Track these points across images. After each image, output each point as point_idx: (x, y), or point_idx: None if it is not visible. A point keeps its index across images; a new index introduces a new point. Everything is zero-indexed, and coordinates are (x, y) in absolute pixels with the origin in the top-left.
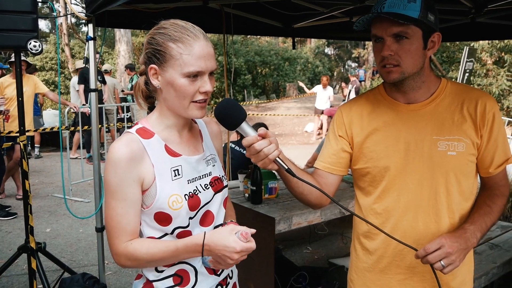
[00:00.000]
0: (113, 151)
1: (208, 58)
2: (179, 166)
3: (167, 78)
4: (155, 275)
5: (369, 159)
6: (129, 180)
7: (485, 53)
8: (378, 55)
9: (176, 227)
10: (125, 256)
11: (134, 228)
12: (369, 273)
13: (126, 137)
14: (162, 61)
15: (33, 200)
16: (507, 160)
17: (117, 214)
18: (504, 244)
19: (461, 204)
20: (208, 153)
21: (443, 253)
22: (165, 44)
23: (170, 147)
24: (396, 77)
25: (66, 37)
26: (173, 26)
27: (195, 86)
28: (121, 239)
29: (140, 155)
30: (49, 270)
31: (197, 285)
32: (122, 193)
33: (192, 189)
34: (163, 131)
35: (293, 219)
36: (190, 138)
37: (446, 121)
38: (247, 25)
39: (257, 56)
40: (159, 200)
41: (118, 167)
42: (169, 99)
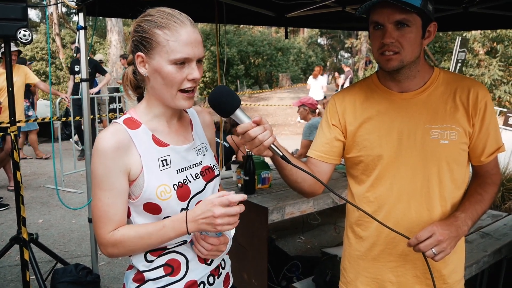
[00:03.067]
0: (100, 141)
1: (195, 44)
2: (167, 156)
3: (154, 66)
4: (145, 265)
5: (362, 147)
6: (116, 170)
7: (477, 43)
8: (377, 42)
9: (166, 216)
10: (112, 244)
11: (121, 218)
12: (361, 261)
13: (112, 128)
14: (148, 49)
15: (25, 191)
16: (499, 149)
17: (104, 204)
18: (494, 232)
19: (453, 192)
20: (199, 142)
21: (435, 241)
22: (151, 31)
23: (158, 137)
24: (395, 65)
25: (57, 27)
26: (159, 13)
27: (182, 74)
28: (107, 229)
29: (126, 146)
30: (41, 261)
31: (188, 274)
32: (108, 183)
33: (182, 179)
34: (151, 121)
35: (286, 208)
36: (180, 128)
37: (439, 110)
38: (240, 15)
39: (250, 46)
40: (146, 191)
41: (104, 157)
42: (156, 88)
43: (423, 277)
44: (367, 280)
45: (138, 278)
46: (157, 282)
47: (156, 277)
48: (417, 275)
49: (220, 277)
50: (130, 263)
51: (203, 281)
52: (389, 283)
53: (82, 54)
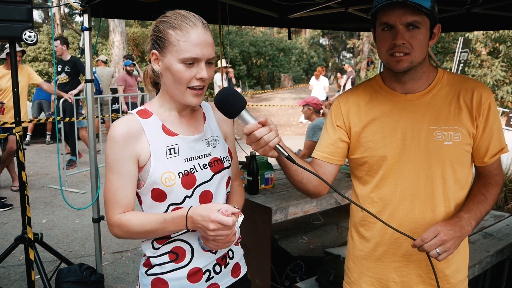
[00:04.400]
0: (113, 129)
1: (204, 46)
2: (175, 145)
3: (165, 63)
4: (152, 251)
5: (367, 148)
6: (125, 156)
7: (480, 44)
8: (386, 43)
9: (171, 203)
10: (118, 227)
11: (128, 201)
12: (365, 261)
13: (126, 117)
14: (162, 47)
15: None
16: (502, 150)
17: (113, 187)
18: (497, 233)
19: (456, 193)
20: (210, 134)
21: (439, 241)
22: (165, 31)
23: (167, 126)
24: (405, 66)
25: (60, 28)
26: (174, 15)
27: (191, 72)
28: (115, 211)
29: (137, 134)
30: (45, 261)
31: (192, 262)
32: (118, 168)
33: (189, 168)
34: (163, 113)
35: (289, 209)
36: (191, 119)
37: (443, 111)
38: (243, 16)
39: (252, 47)
40: (152, 176)
41: (115, 144)
42: (167, 84)
43: (426, 277)
44: (371, 280)
45: (147, 263)
46: (162, 267)
47: (162, 263)
48: (420, 275)
49: (227, 267)
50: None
51: (208, 270)
52: (393, 283)
53: (87, 55)
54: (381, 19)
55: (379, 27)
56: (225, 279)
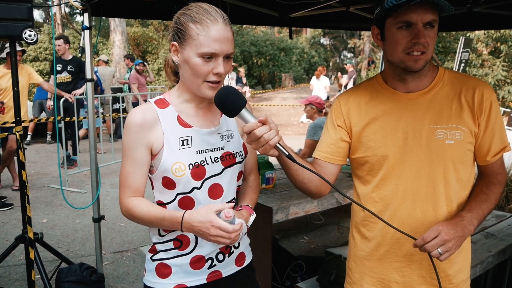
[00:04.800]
0: (130, 116)
1: (224, 41)
2: (189, 137)
3: (184, 56)
4: (158, 238)
5: (368, 148)
6: (139, 143)
7: (481, 43)
8: (403, 41)
9: (179, 192)
10: (125, 209)
11: (138, 186)
12: (367, 261)
13: (144, 106)
14: (182, 40)
15: (29, 190)
16: (504, 148)
17: (126, 171)
18: (499, 233)
19: (459, 192)
20: (225, 128)
21: (440, 241)
22: (186, 24)
23: (183, 118)
24: (422, 64)
25: (60, 27)
26: (196, 8)
27: (208, 67)
28: (126, 193)
29: (152, 123)
30: (46, 261)
31: (196, 250)
32: (131, 153)
33: (200, 160)
34: (180, 104)
35: (290, 208)
36: (207, 112)
37: (444, 110)
38: (244, 15)
39: (253, 46)
40: (163, 165)
41: (130, 130)
42: (185, 76)
43: (429, 277)
44: (373, 280)
45: (152, 249)
46: (167, 253)
47: (166, 249)
48: (422, 275)
49: (231, 256)
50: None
51: (211, 257)
52: (395, 283)
53: (87, 54)
54: (400, 17)
55: (394, 25)
56: (228, 267)
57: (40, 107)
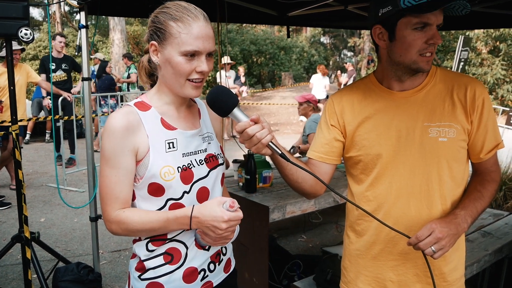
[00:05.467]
0: (111, 121)
1: (206, 39)
2: (174, 139)
3: (165, 55)
4: (146, 254)
5: (361, 147)
6: (124, 149)
7: (480, 42)
8: (419, 42)
9: (169, 198)
10: (116, 224)
11: (126, 196)
12: (361, 260)
13: (124, 109)
14: (162, 39)
15: (27, 190)
16: (497, 146)
17: (111, 182)
18: (496, 232)
19: (453, 190)
20: (205, 130)
21: (434, 239)
22: (166, 22)
23: (166, 120)
24: (431, 65)
25: (60, 26)
26: (175, 6)
27: (191, 65)
28: (114, 207)
29: (136, 126)
30: (43, 260)
31: (187, 262)
32: (116, 161)
33: (186, 163)
34: (161, 106)
35: (287, 207)
36: (188, 114)
37: (437, 108)
38: (242, 13)
39: (253, 45)
40: (151, 170)
41: (114, 136)
42: (166, 76)
43: (423, 276)
44: (368, 279)
45: (140, 267)
46: (157, 271)
47: (156, 266)
48: (417, 274)
49: (221, 264)
50: (133, 252)
51: (203, 269)
52: (390, 282)
53: (84, 53)
54: (419, 18)
55: (409, 26)
56: (218, 276)
57: (39, 106)
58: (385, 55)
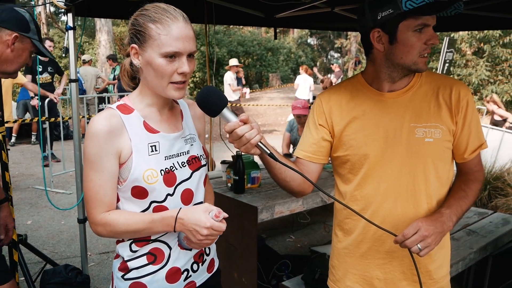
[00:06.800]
0: (93, 124)
1: (186, 39)
2: (156, 142)
3: (146, 58)
4: (129, 254)
5: (349, 147)
6: (107, 152)
7: (465, 44)
8: (419, 43)
9: (152, 201)
10: (102, 226)
11: (111, 199)
12: (349, 258)
13: (106, 112)
14: (142, 41)
15: (13, 192)
16: (481, 146)
17: (95, 185)
18: (480, 230)
19: (438, 189)
20: (188, 132)
21: (420, 237)
22: (145, 24)
23: (149, 123)
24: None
25: (45, 27)
26: (154, 8)
27: (172, 67)
28: (99, 210)
29: (118, 129)
30: (30, 262)
31: (170, 262)
32: (100, 164)
33: (169, 166)
34: (144, 109)
35: (276, 208)
36: (170, 117)
37: (423, 109)
38: (229, 15)
39: (240, 47)
40: (134, 174)
41: (97, 139)
42: (148, 79)
43: (410, 274)
44: (355, 278)
45: (123, 267)
46: (140, 271)
47: (139, 266)
48: (404, 272)
49: (204, 264)
50: (117, 252)
51: (187, 269)
52: (377, 280)
53: (71, 55)
54: (419, 19)
55: (410, 28)
56: (202, 276)
57: (25, 108)
58: (381, 57)
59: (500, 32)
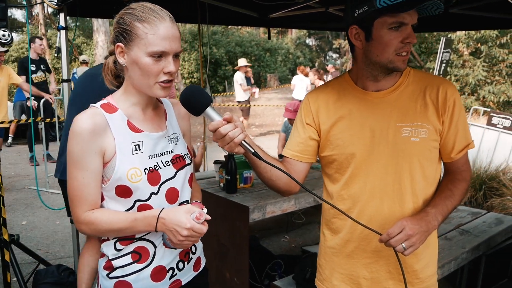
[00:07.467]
0: (77, 123)
1: (172, 39)
2: (140, 142)
3: (132, 57)
4: (113, 253)
5: (336, 146)
6: (91, 151)
7: (462, 44)
8: (395, 42)
9: (137, 199)
10: (85, 224)
11: (95, 198)
12: (336, 257)
13: (90, 111)
14: (128, 40)
15: (9, 192)
16: (468, 145)
17: (79, 184)
18: (474, 230)
19: (425, 189)
20: (172, 131)
21: (404, 236)
22: (132, 23)
23: (133, 123)
24: (406, 64)
25: (43, 27)
26: (141, 7)
27: (159, 66)
28: (83, 208)
29: (102, 128)
30: (24, 263)
31: (155, 260)
32: (84, 163)
33: (153, 165)
34: (128, 108)
35: (267, 207)
36: (154, 116)
37: (409, 108)
38: (222, 15)
39: (238, 47)
40: (117, 173)
41: (81, 138)
42: (134, 77)
43: (396, 273)
44: (342, 277)
45: (108, 266)
46: (124, 270)
47: (124, 265)
48: (390, 271)
49: (190, 262)
50: (102, 251)
51: (172, 267)
52: (363, 279)
53: (63, 55)
54: (394, 17)
55: (385, 26)
56: (187, 274)
57: (21, 109)
58: (361, 55)
59: (497, 33)
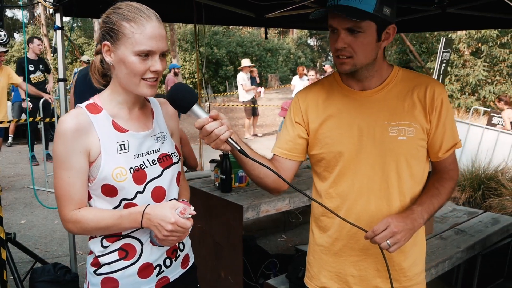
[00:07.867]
0: (61, 123)
1: (159, 39)
2: (125, 141)
3: (119, 55)
4: (100, 250)
5: (324, 145)
6: (76, 150)
7: (463, 44)
8: (332, 45)
9: (123, 198)
10: (72, 223)
11: (81, 197)
12: (324, 255)
13: (74, 111)
14: (115, 39)
15: (8, 192)
16: (455, 145)
17: (65, 183)
18: (469, 229)
19: (412, 187)
20: (158, 130)
21: (389, 233)
22: (118, 23)
23: (118, 122)
24: (348, 68)
25: (44, 28)
26: (127, 6)
27: (145, 65)
28: (69, 207)
29: (86, 128)
30: (21, 262)
31: (142, 257)
32: (69, 163)
33: (139, 164)
34: (113, 108)
35: (261, 206)
36: (141, 116)
37: (397, 107)
38: (219, 15)
39: (239, 47)
40: (103, 172)
41: (65, 138)
42: (120, 76)
43: (383, 271)
44: (330, 274)
45: (95, 263)
46: (111, 266)
47: (111, 261)
48: (378, 269)
49: (177, 259)
50: (89, 248)
51: (159, 264)
52: (351, 277)
53: (59, 55)
54: (328, 22)
55: (329, 29)
56: (175, 271)
57: (20, 109)
58: None
59: (497, 32)
